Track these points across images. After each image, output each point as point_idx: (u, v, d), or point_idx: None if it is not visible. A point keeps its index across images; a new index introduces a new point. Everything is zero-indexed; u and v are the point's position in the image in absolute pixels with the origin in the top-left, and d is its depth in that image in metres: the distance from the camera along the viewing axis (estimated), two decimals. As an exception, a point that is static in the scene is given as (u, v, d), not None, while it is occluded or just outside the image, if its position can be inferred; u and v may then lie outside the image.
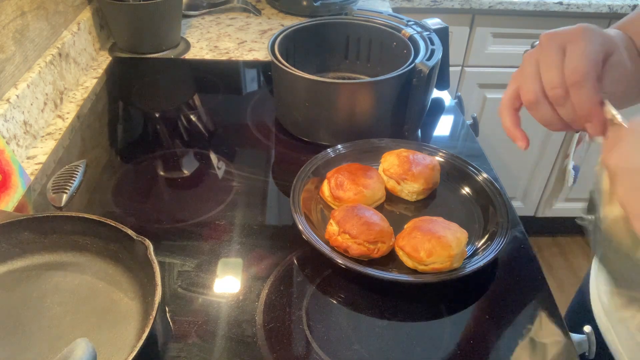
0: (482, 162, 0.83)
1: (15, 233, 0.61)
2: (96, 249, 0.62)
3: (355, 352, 0.56)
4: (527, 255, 0.68)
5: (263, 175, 0.81)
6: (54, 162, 0.82)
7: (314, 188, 0.75)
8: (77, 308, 0.58)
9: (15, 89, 0.82)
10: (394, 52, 0.91)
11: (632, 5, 1.49)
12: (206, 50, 1.17)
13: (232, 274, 0.65)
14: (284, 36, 0.90)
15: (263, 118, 0.94)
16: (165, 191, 0.77)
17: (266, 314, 0.59)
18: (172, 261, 0.66)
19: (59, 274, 0.61)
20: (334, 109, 0.82)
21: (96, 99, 1.00)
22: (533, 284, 0.64)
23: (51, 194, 0.74)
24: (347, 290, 0.63)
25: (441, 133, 0.94)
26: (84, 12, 1.10)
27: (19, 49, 0.85)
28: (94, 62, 1.11)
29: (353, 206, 0.67)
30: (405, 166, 0.73)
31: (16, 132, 0.80)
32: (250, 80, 1.09)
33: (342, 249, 0.63)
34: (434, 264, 0.61)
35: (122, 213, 0.73)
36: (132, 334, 0.55)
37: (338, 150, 0.79)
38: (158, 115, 0.96)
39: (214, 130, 0.92)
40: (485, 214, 0.71)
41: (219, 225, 0.71)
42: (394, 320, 0.59)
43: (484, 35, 1.57)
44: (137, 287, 0.59)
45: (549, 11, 1.51)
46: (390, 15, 0.95)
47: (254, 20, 1.33)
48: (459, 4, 1.50)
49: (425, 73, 0.79)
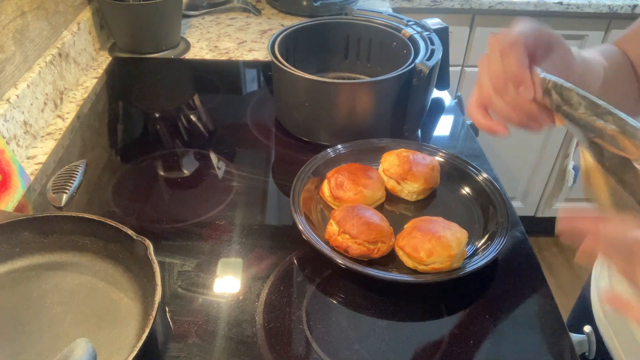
0: (482, 162, 0.83)
1: (15, 233, 0.61)
2: (96, 249, 0.62)
3: (355, 352, 0.56)
4: (527, 255, 0.68)
5: (263, 175, 0.81)
6: (54, 162, 0.82)
7: (314, 188, 0.75)
8: (77, 308, 0.58)
9: (15, 89, 0.82)
10: (394, 52, 0.91)
11: (632, 5, 1.49)
12: (206, 50, 1.17)
13: (232, 274, 0.65)
14: (284, 36, 0.90)
15: (263, 118, 0.94)
16: (165, 191, 0.77)
17: (266, 314, 0.59)
18: (172, 261, 0.66)
19: (59, 274, 0.61)
20: (334, 109, 0.82)
21: (96, 99, 1.00)
22: (533, 284, 0.64)
23: (51, 194, 0.74)
24: (347, 290, 0.63)
25: (441, 133, 0.94)
26: (84, 12, 1.10)
27: (19, 49, 0.85)
28: (94, 62, 1.11)
29: (353, 206, 0.67)
30: (405, 166, 0.73)
31: (16, 132, 0.80)
32: (250, 80, 1.09)
33: (342, 249, 0.63)
34: (434, 264, 0.61)
35: (122, 213, 0.73)
36: (132, 334, 0.55)
37: (338, 150, 0.79)
38: (158, 115, 0.96)
39: (214, 130, 0.92)
40: (485, 214, 0.71)
41: (219, 225, 0.71)
42: (394, 320, 0.59)
43: (484, 35, 1.57)
44: (137, 287, 0.59)
45: (549, 11, 1.51)
46: (390, 15, 0.95)
47: (254, 20, 1.33)
48: (459, 4, 1.50)
49: (425, 73, 0.79)
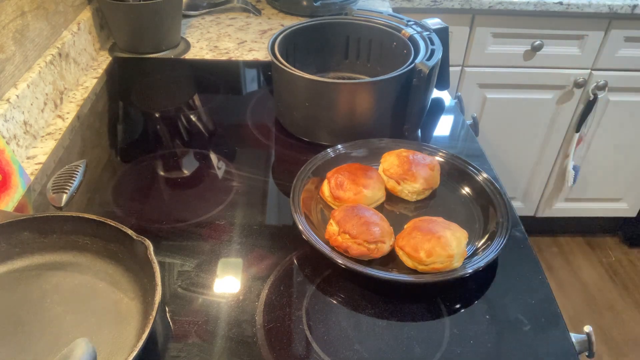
0: (482, 162, 0.83)
1: (15, 233, 0.61)
2: (96, 249, 0.62)
3: (355, 352, 0.56)
4: (527, 255, 0.68)
5: (263, 175, 0.81)
6: (54, 162, 0.82)
7: (314, 188, 0.75)
8: (77, 308, 0.58)
9: (15, 89, 0.82)
10: (394, 52, 0.91)
11: (632, 6, 1.49)
12: (206, 50, 1.17)
13: (232, 274, 0.65)
14: (284, 36, 0.90)
15: (263, 118, 0.94)
16: (165, 191, 0.77)
17: (266, 314, 0.59)
18: (172, 261, 0.66)
19: (59, 274, 0.61)
20: (334, 109, 0.82)
21: (96, 99, 1.00)
22: (533, 284, 0.64)
23: (51, 194, 0.74)
24: (347, 290, 0.63)
25: (441, 133, 0.94)
26: (84, 12, 1.10)
27: (19, 49, 0.85)
28: (94, 62, 1.11)
29: (353, 206, 0.67)
30: (405, 166, 0.73)
31: (16, 132, 0.80)
32: (250, 80, 1.09)
33: (342, 249, 0.63)
34: (434, 263, 0.61)
35: (122, 213, 0.73)
36: (132, 334, 0.55)
37: (338, 150, 0.79)
38: (158, 115, 0.96)
39: (214, 130, 0.92)
40: (485, 214, 0.71)
41: (219, 225, 0.71)
42: (394, 320, 0.59)
43: (484, 35, 1.57)
44: (137, 287, 0.59)
45: (549, 11, 1.51)
46: (390, 15, 0.95)
47: (254, 20, 1.33)
48: (459, 4, 1.50)
49: (425, 73, 0.79)
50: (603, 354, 1.70)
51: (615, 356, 1.69)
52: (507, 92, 1.66)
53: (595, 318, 1.81)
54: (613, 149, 1.78)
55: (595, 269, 1.99)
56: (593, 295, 1.89)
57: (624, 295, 1.89)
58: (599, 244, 2.10)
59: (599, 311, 1.83)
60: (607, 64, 1.61)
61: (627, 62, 1.60)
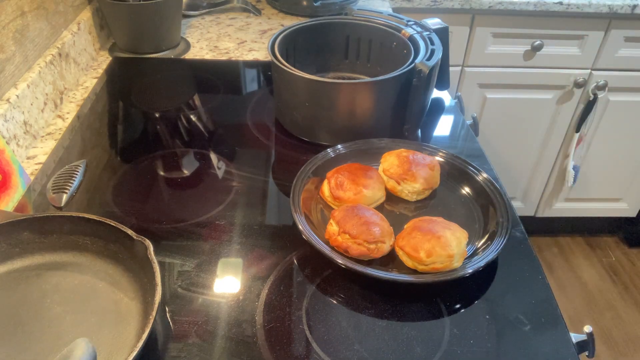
0: (482, 162, 0.83)
1: (15, 233, 0.61)
2: (96, 249, 0.62)
3: (355, 352, 0.56)
4: (527, 255, 0.68)
5: (263, 175, 0.81)
6: (54, 162, 0.82)
7: (314, 188, 0.75)
8: (77, 308, 0.58)
9: (15, 89, 0.82)
10: (394, 52, 0.91)
11: (632, 6, 1.49)
12: (206, 50, 1.17)
13: (232, 274, 0.65)
14: (284, 36, 0.90)
15: (263, 118, 0.94)
16: (165, 191, 0.77)
17: (266, 314, 0.59)
18: (172, 261, 0.66)
19: (59, 274, 0.61)
20: (334, 109, 0.82)
21: (96, 99, 1.00)
22: (533, 284, 0.64)
23: (51, 194, 0.74)
24: (347, 290, 0.63)
25: (441, 133, 0.94)
26: (84, 12, 1.10)
27: (19, 49, 0.85)
28: (94, 62, 1.11)
29: (353, 206, 0.67)
30: (405, 166, 0.73)
31: (16, 132, 0.80)
32: (250, 80, 1.09)
33: (342, 249, 0.63)
34: (434, 264, 0.61)
35: (122, 213, 0.73)
36: (132, 334, 0.55)
37: (338, 150, 0.79)
38: (158, 115, 0.96)
39: (214, 130, 0.92)
40: (485, 214, 0.71)
41: (219, 225, 0.71)
42: (394, 320, 0.59)
43: (484, 35, 1.57)
44: (137, 287, 0.59)
45: (549, 11, 1.51)
46: (390, 15, 0.95)
47: (254, 20, 1.33)
48: (459, 4, 1.50)
49: (425, 73, 0.79)
50: (603, 354, 1.70)
51: (615, 356, 1.69)
52: (507, 92, 1.66)
53: (595, 318, 1.81)
54: (613, 149, 1.78)
55: (595, 269, 1.99)
56: (593, 295, 1.89)
57: (624, 295, 1.89)
58: (599, 244, 2.10)
59: (599, 311, 1.83)
60: (607, 64, 1.61)
61: (627, 62, 1.61)
